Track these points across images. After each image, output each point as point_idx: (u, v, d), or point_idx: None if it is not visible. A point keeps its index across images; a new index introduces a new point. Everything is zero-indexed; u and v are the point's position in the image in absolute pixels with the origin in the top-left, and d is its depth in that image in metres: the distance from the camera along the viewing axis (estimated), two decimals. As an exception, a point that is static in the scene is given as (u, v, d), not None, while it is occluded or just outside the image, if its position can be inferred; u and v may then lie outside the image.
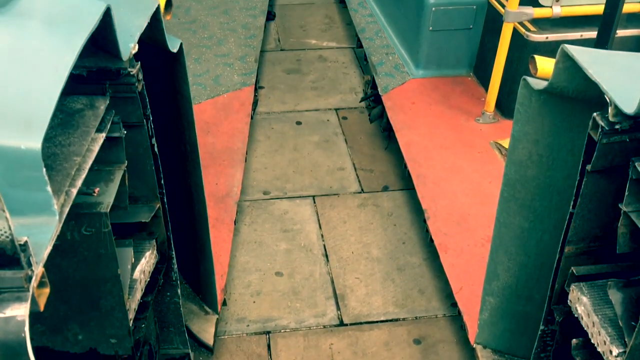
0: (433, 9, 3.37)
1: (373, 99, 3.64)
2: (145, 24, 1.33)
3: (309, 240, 2.90)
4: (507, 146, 2.87)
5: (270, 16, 4.71)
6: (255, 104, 3.63)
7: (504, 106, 3.18)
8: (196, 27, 4.06)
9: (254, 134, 3.56)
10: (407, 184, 3.14)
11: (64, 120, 1.10)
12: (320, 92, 3.98)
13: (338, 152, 3.46)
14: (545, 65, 1.70)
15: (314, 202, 3.12)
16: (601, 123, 1.28)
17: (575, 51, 1.36)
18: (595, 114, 1.31)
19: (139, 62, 1.33)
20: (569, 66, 1.42)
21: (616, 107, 1.21)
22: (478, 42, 3.45)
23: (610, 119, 1.25)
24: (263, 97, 3.90)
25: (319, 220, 3.01)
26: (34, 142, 0.86)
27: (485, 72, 3.34)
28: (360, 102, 3.80)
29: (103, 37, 1.14)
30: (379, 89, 3.45)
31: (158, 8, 1.45)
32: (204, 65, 3.66)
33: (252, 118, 3.47)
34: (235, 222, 2.75)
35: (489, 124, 3.18)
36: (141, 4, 1.43)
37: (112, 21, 1.13)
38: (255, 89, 3.62)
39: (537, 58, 1.75)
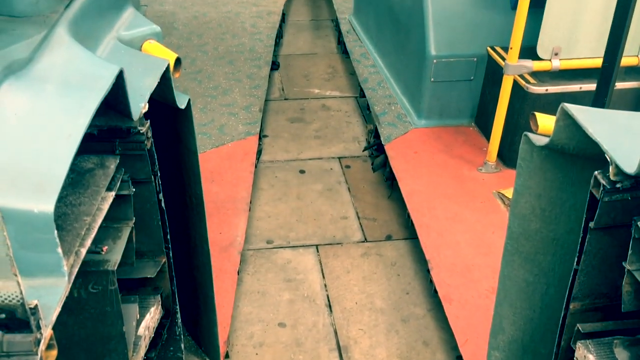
0: (434, 61, 3.44)
1: (376, 148, 3.68)
2: (155, 84, 1.37)
3: (312, 290, 2.89)
4: (509, 196, 2.89)
5: (275, 66, 4.80)
6: (259, 152, 3.68)
7: (506, 156, 3.21)
8: (202, 77, 4.14)
9: (257, 182, 3.58)
10: (410, 233, 3.15)
11: (75, 180, 1.12)
12: (323, 140, 4.02)
13: (341, 201, 3.48)
14: (545, 122, 1.73)
15: (317, 252, 3.12)
16: (602, 181, 1.30)
17: (575, 110, 1.39)
18: (596, 172, 1.33)
19: (148, 121, 1.36)
20: (569, 124, 1.44)
21: (617, 166, 1.23)
22: (479, 93, 3.51)
23: (612, 177, 1.27)
24: (267, 146, 3.94)
25: (322, 270, 3.00)
26: (47, 206, 0.88)
27: (487, 122, 3.38)
28: (364, 151, 3.84)
29: (115, 98, 1.18)
30: (382, 138, 3.49)
31: (168, 67, 1.49)
32: (209, 115, 3.71)
33: (256, 167, 3.51)
34: (238, 272, 2.74)
35: (491, 174, 3.20)
36: (151, 63, 1.47)
37: (124, 84, 1.16)
38: (260, 138, 3.66)
39: (538, 115, 1.78)
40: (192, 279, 2.09)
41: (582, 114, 1.37)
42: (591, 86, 2.84)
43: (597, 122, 1.33)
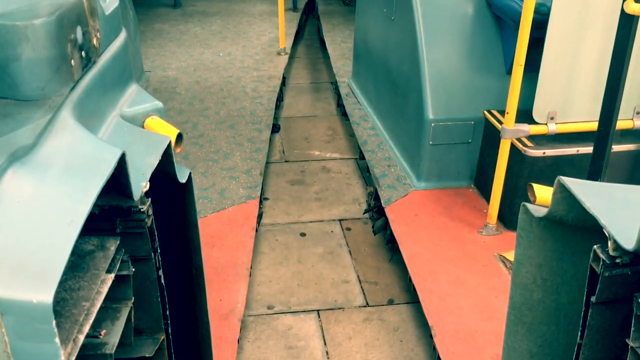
0: (432, 124, 3.49)
1: (376, 210, 3.69)
2: (157, 162, 1.39)
3: (314, 358, 2.84)
4: (511, 259, 2.88)
5: (275, 129, 4.87)
6: (260, 216, 3.68)
7: (506, 218, 3.21)
8: (203, 141, 4.20)
9: (258, 245, 3.58)
10: (412, 297, 3.12)
11: (74, 264, 1.12)
12: (324, 203, 4.04)
13: (342, 264, 3.46)
14: (543, 193, 1.74)
15: (319, 317, 3.08)
16: (602, 256, 1.29)
17: (571, 183, 1.41)
18: (595, 246, 1.33)
19: (149, 199, 1.38)
20: (567, 197, 1.46)
21: (615, 241, 1.24)
22: (477, 155, 3.55)
23: (611, 252, 1.27)
24: (268, 209, 3.95)
25: (323, 337, 2.96)
26: (46, 296, 0.88)
27: (486, 184, 3.41)
28: (364, 213, 3.85)
29: (117, 180, 1.19)
30: (382, 201, 3.50)
31: (169, 144, 1.51)
32: (210, 179, 3.74)
33: (256, 230, 3.51)
34: (238, 340, 2.70)
35: (492, 236, 3.19)
36: (153, 141, 1.50)
37: (127, 166, 1.18)
38: (260, 201, 3.68)
39: (535, 186, 1.79)
40: (192, 351, 2.05)
41: (578, 187, 1.38)
42: (588, 149, 2.87)
43: (594, 196, 1.34)
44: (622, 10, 2.41)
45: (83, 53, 1.41)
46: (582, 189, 1.37)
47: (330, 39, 6.35)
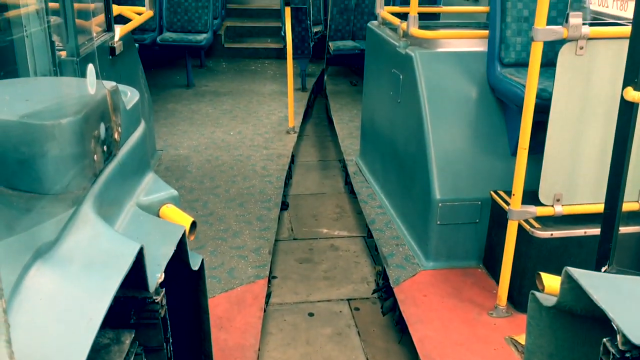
0: (440, 204, 3.54)
1: (385, 290, 3.67)
2: (172, 252, 1.43)
3: None
4: (522, 342, 2.84)
5: (284, 206, 4.93)
6: (268, 296, 3.67)
7: (516, 300, 3.20)
8: (213, 219, 4.25)
9: (266, 326, 3.55)
10: (423, 382, 3.05)
11: (89, 358, 1.14)
12: (332, 282, 4.03)
13: (351, 346, 3.41)
14: (551, 283, 1.76)
15: (328, 402, 3.02)
16: (611, 350, 1.30)
17: (579, 275, 1.43)
18: (605, 340, 1.33)
19: (164, 289, 1.41)
20: (574, 287, 1.47)
21: (624, 336, 1.24)
22: (485, 235, 3.57)
23: (620, 347, 1.28)
24: (276, 288, 3.94)
25: (332, 423, 2.89)
26: (64, 396, 0.89)
27: (495, 264, 3.41)
28: (373, 293, 3.83)
29: (134, 272, 1.23)
30: (391, 281, 3.50)
31: (184, 233, 1.56)
32: (219, 258, 3.76)
33: (265, 310, 3.49)
34: None
35: (502, 318, 3.17)
36: (168, 230, 1.54)
37: (144, 260, 1.22)
38: (269, 280, 3.68)
39: (544, 276, 1.81)
40: None
41: (586, 278, 1.40)
42: (596, 231, 2.89)
43: (602, 288, 1.36)
44: (622, 97, 2.49)
45: (105, 148, 1.48)
46: (589, 280, 1.39)
47: (338, 117, 6.52)
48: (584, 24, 2.80)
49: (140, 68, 4.90)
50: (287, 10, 6.26)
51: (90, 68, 1.40)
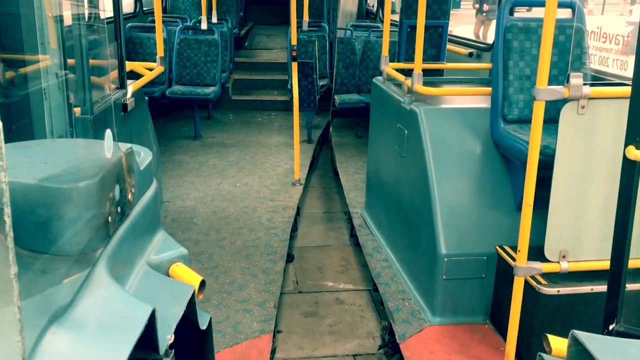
0: (445, 259, 3.55)
1: (391, 346, 3.64)
2: (182, 313, 1.45)
3: None
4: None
5: (289, 258, 4.93)
6: (273, 351, 3.64)
7: (524, 357, 3.16)
8: (219, 272, 4.25)
9: (271, 382, 3.51)
10: None
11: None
12: (337, 336, 3.99)
13: (357, 404, 3.36)
14: (558, 345, 1.76)
15: None
16: (622, 415, 1.30)
17: (585, 338, 1.43)
18: (614, 405, 1.33)
19: (173, 350, 1.42)
20: (581, 350, 1.48)
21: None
22: (492, 290, 3.56)
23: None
24: (281, 342, 3.91)
25: None
26: None
27: (502, 320, 3.39)
28: (379, 349, 3.79)
29: (145, 335, 1.24)
30: (397, 337, 3.47)
31: (194, 293, 1.58)
32: (224, 312, 3.75)
33: (270, 366, 3.46)
34: None
35: (510, 376, 3.13)
36: (178, 290, 1.56)
37: (156, 322, 1.24)
38: (274, 335, 3.65)
39: (550, 338, 1.81)
40: None
41: (593, 342, 1.41)
42: (602, 287, 2.88)
43: (608, 353, 1.36)
44: (624, 155, 2.53)
45: (119, 209, 1.52)
46: (596, 344, 1.40)
47: (343, 170, 6.58)
48: (584, 84, 2.87)
49: (150, 121, 5.01)
50: (294, 65, 6.42)
51: (108, 133, 1.45)
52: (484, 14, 18.20)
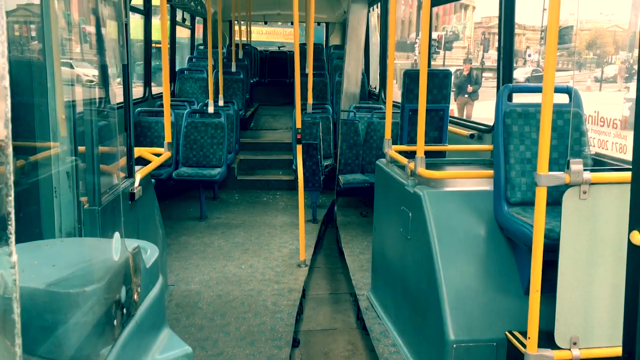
0: (454, 345, 3.47)
1: None
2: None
3: None
4: None
5: (295, 343, 4.83)
6: None
7: None
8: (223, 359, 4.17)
9: None
10: None
11: None
12: None
13: None
14: None
15: None
16: None
17: None
18: None
19: None
20: None
21: None
22: (503, 378, 3.46)
23: None
24: None
25: None
26: None
27: (515, 410, 3.28)
28: None
29: None
30: None
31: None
32: (228, 403, 3.65)
33: None
34: None
35: None
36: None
37: None
38: None
39: None
40: None
41: None
42: (616, 373, 2.81)
43: None
44: (629, 241, 2.53)
45: (125, 310, 1.52)
46: None
47: (348, 250, 6.56)
48: (585, 169, 2.91)
49: (157, 207, 5.05)
50: (299, 147, 6.54)
51: (117, 236, 1.47)
52: (466, 96, 18.50)
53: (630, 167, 2.53)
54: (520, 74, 38.50)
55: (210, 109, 8.41)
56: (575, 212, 2.93)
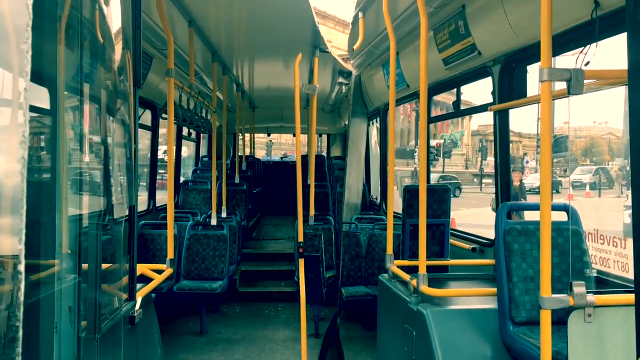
0: None
1: None
2: None
3: None
4: None
5: None
6: None
7: None
8: None
9: None
10: None
11: None
12: None
13: None
14: None
15: None
16: None
17: None
18: None
19: None
20: None
21: None
22: None
23: None
24: None
25: None
26: None
27: None
28: None
29: None
30: None
31: None
32: None
33: None
34: None
35: None
36: None
37: None
38: None
39: None
40: None
41: None
42: None
43: None
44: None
45: None
46: None
47: (352, 369, 6.35)
48: (588, 291, 2.89)
49: (156, 325, 4.94)
50: (301, 260, 6.50)
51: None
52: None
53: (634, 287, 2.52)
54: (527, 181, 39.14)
55: (213, 221, 8.46)
56: (581, 337, 2.88)
